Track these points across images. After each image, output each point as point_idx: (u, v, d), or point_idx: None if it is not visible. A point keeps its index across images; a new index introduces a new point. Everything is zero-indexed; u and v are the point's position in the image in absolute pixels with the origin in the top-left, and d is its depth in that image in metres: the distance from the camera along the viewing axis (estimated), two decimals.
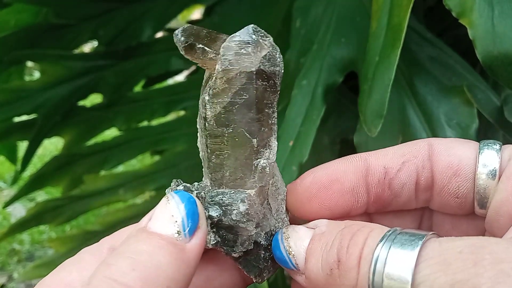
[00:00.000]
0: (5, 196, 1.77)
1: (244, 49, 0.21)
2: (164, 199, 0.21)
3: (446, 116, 0.40)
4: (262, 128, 0.22)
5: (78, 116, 0.67)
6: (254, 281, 0.24)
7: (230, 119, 0.21)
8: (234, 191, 0.22)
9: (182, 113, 0.71)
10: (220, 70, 0.21)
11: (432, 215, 0.24)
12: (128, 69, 0.66)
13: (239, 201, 0.22)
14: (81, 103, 0.67)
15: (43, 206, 0.69)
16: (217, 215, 0.22)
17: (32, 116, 0.64)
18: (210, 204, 0.22)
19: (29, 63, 0.70)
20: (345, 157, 0.23)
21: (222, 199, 0.22)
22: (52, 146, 1.95)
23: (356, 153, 0.43)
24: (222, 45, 0.21)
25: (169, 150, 0.70)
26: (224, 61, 0.21)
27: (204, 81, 0.23)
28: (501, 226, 0.20)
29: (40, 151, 0.71)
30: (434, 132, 0.40)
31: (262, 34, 0.21)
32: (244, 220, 0.22)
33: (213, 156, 0.22)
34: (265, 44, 0.21)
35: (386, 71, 0.34)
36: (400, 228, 0.19)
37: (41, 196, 1.62)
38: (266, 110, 0.22)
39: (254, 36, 0.21)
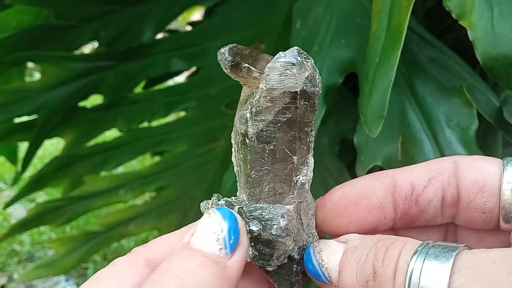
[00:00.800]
0: (5, 197, 1.77)
1: (290, 70, 0.21)
2: (206, 215, 0.21)
3: (445, 116, 0.40)
4: (302, 146, 0.22)
5: (79, 117, 0.67)
6: None
7: (272, 137, 0.22)
8: (273, 206, 0.23)
9: (182, 114, 0.71)
10: (264, 89, 0.21)
11: (456, 230, 0.25)
12: (128, 70, 0.66)
13: (279, 216, 0.22)
14: (82, 104, 0.67)
15: (44, 207, 0.69)
16: (257, 230, 0.22)
17: (33, 117, 0.65)
18: (249, 219, 0.22)
19: (30, 64, 0.70)
20: (372, 173, 0.24)
21: (261, 214, 0.22)
22: (52, 147, 1.95)
23: (355, 153, 0.43)
24: (268, 65, 0.21)
25: (169, 151, 0.70)
26: (269, 81, 0.21)
27: (243, 98, 0.23)
28: None
29: (40, 152, 0.71)
30: (433, 132, 0.40)
31: (305, 56, 0.22)
32: (284, 235, 0.22)
33: (253, 172, 0.22)
34: (308, 66, 0.22)
35: (386, 72, 0.34)
36: (433, 241, 0.19)
37: (41, 197, 1.62)
38: (306, 129, 0.22)
39: (299, 58, 0.21)
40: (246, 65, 0.22)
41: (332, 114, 0.55)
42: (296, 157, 0.22)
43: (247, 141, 0.22)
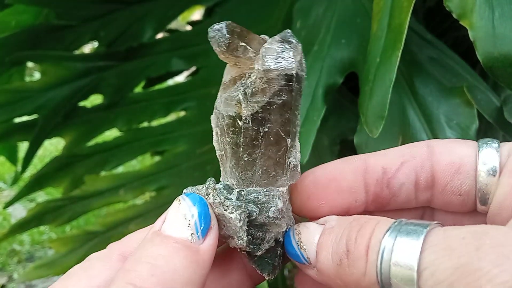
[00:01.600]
0: (5, 197, 1.77)
1: (286, 52, 0.21)
2: (176, 202, 0.21)
3: (446, 116, 0.40)
4: (294, 129, 0.22)
5: (79, 117, 0.67)
6: (267, 278, 0.24)
7: (267, 119, 0.21)
8: (267, 189, 0.23)
9: (182, 113, 0.71)
10: (261, 69, 0.21)
11: (433, 213, 0.25)
12: (129, 70, 0.66)
13: (276, 198, 0.23)
14: (82, 103, 0.67)
15: (44, 207, 0.69)
16: (256, 213, 0.22)
17: (33, 116, 0.65)
18: (246, 203, 0.22)
19: (30, 64, 0.70)
20: (345, 157, 0.24)
21: (257, 197, 0.22)
22: (52, 147, 1.95)
23: (356, 153, 0.43)
24: (264, 46, 0.21)
25: (169, 151, 0.70)
26: (266, 62, 0.21)
27: (227, 79, 0.23)
28: (503, 219, 0.20)
29: (40, 151, 0.71)
30: (434, 132, 0.40)
31: (297, 40, 0.22)
32: (280, 216, 0.23)
33: (245, 155, 0.22)
34: (300, 49, 0.22)
35: (387, 73, 0.34)
36: (406, 219, 0.19)
37: (41, 196, 1.62)
38: (296, 112, 0.22)
39: (293, 41, 0.21)
40: (243, 44, 0.21)
41: (332, 114, 0.55)
42: (289, 139, 0.22)
43: (240, 123, 0.22)
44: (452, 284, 0.16)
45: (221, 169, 0.24)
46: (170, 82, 0.98)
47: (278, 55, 0.21)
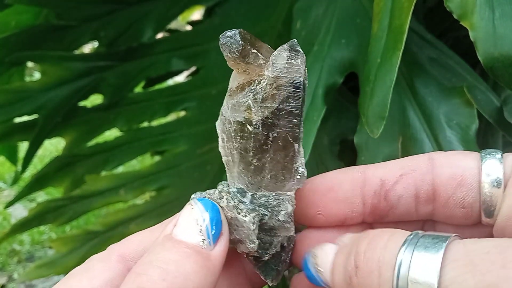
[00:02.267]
0: (5, 197, 1.77)
1: (294, 60, 0.22)
2: (188, 206, 0.21)
3: (446, 116, 0.40)
4: (300, 134, 0.23)
5: (79, 117, 0.67)
6: (270, 284, 0.24)
7: (276, 124, 0.22)
8: (275, 193, 0.23)
9: (182, 113, 0.71)
10: (271, 76, 0.21)
11: (434, 225, 0.24)
12: (129, 70, 0.66)
13: (286, 202, 0.23)
14: (82, 103, 0.67)
15: (45, 206, 0.69)
16: (267, 217, 0.22)
17: (33, 116, 0.65)
18: (259, 206, 0.23)
19: (30, 64, 0.70)
20: (345, 168, 0.24)
21: (268, 201, 0.23)
22: (52, 147, 1.95)
23: (355, 153, 0.43)
24: (274, 54, 0.22)
25: (169, 151, 0.70)
26: (276, 69, 0.21)
27: (235, 85, 0.23)
28: None
29: (40, 151, 0.71)
30: (434, 132, 0.40)
31: (301, 50, 0.22)
32: (289, 220, 0.23)
33: (255, 160, 0.22)
34: (304, 59, 0.22)
35: (387, 73, 0.34)
36: (422, 232, 0.18)
37: (41, 196, 1.62)
38: (301, 118, 0.23)
39: (300, 50, 0.22)
40: (254, 50, 0.22)
41: (332, 114, 0.55)
42: (297, 144, 0.23)
43: (250, 128, 0.22)
44: None
45: (227, 174, 0.24)
46: (170, 82, 0.98)
47: (288, 63, 0.21)
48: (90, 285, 0.20)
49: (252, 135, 0.22)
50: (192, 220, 0.20)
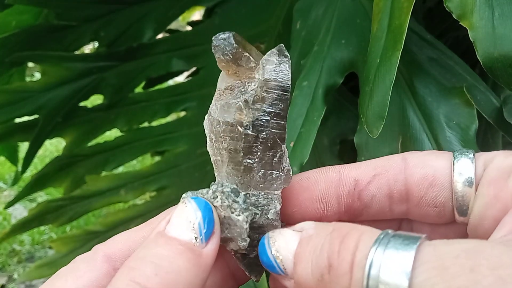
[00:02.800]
0: (6, 197, 1.77)
1: (283, 64, 0.22)
2: (181, 204, 0.21)
3: (446, 117, 0.40)
4: (285, 136, 0.23)
5: (80, 117, 0.67)
6: (254, 280, 0.25)
7: (265, 125, 0.22)
8: (264, 193, 0.23)
9: (182, 114, 0.71)
10: (262, 79, 0.22)
11: (411, 224, 0.25)
12: (129, 70, 0.66)
13: (275, 201, 0.23)
14: (82, 104, 0.67)
15: (45, 207, 0.69)
16: (257, 215, 0.23)
17: (33, 117, 0.65)
18: (250, 205, 0.23)
19: (30, 64, 0.70)
20: (321, 168, 0.24)
21: (257, 200, 0.23)
22: (52, 147, 1.95)
23: (355, 153, 0.43)
24: (264, 57, 0.22)
25: (169, 151, 0.70)
26: (266, 72, 0.22)
27: (223, 87, 0.23)
28: (486, 230, 0.20)
29: (40, 152, 0.72)
30: (434, 132, 0.40)
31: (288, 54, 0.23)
32: (277, 218, 0.23)
33: (245, 160, 0.23)
34: (290, 63, 0.23)
35: (387, 73, 0.34)
36: (392, 231, 0.18)
37: (41, 197, 1.62)
38: (286, 120, 0.23)
39: (288, 55, 0.23)
40: (247, 54, 0.22)
41: (332, 114, 0.55)
42: (284, 145, 0.23)
43: (241, 129, 0.22)
44: None
45: (215, 173, 0.24)
46: (171, 82, 0.98)
47: (277, 66, 0.22)
48: (75, 285, 0.21)
49: (243, 136, 0.22)
50: (185, 218, 0.21)
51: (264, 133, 0.23)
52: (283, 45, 0.23)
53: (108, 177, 0.71)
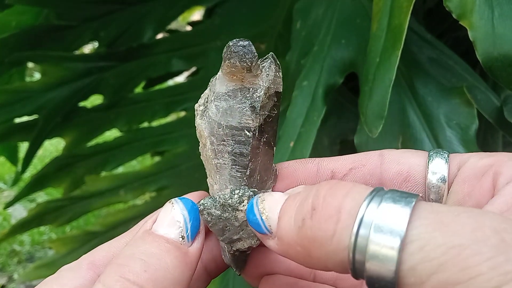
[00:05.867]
0: (5, 197, 1.77)
1: (278, 73, 0.23)
2: (168, 204, 0.22)
3: (446, 116, 0.40)
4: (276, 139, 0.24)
5: (79, 117, 0.67)
6: (238, 274, 0.26)
7: (266, 130, 0.24)
8: (260, 191, 0.24)
9: (182, 114, 0.71)
10: (266, 86, 0.23)
11: None
12: (129, 70, 0.66)
13: None
14: (82, 104, 0.67)
15: (44, 207, 0.69)
16: None
17: (33, 117, 0.65)
18: None
19: (30, 64, 0.70)
20: (302, 159, 0.25)
21: None
22: (52, 147, 1.95)
23: (356, 153, 0.43)
24: (265, 66, 0.23)
25: (169, 151, 0.70)
26: (269, 80, 0.23)
27: (226, 91, 0.24)
28: None
29: (40, 152, 0.72)
30: (434, 132, 0.40)
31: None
32: None
33: (251, 163, 0.23)
34: None
35: (386, 72, 0.34)
36: (384, 188, 0.18)
37: (41, 197, 1.62)
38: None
39: (279, 63, 0.24)
40: (258, 62, 0.23)
41: (332, 114, 0.55)
42: (275, 147, 0.24)
43: (249, 134, 0.23)
44: (444, 264, 0.15)
45: (217, 176, 0.24)
46: (170, 82, 0.98)
47: (276, 75, 0.23)
48: None
49: (250, 141, 0.23)
50: (172, 218, 0.21)
51: (265, 137, 0.23)
52: (273, 54, 0.23)
53: (108, 177, 0.71)
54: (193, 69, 0.73)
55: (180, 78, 0.99)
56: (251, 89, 0.23)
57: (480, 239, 0.15)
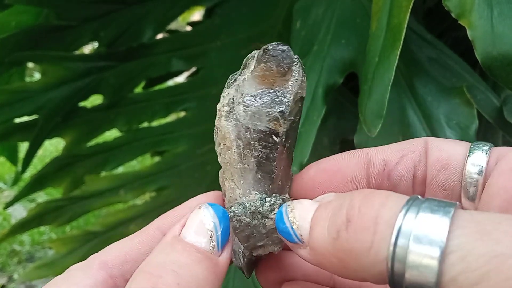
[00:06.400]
0: (5, 197, 1.77)
1: (304, 77, 0.23)
2: (199, 210, 0.21)
3: (445, 116, 0.40)
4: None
5: (79, 117, 0.67)
6: (247, 276, 0.26)
7: (289, 135, 0.23)
8: (284, 197, 0.24)
9: (182, 114, 0.71)
10: (295, 91, 0.22)
11: None
12: (129, 70, 0.66)
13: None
14: (82, 104, 0.67)
15: (44, 207, 0.69)
16: None
17: (33, 117, 0.65)
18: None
19: (30, 64, 0.70)
20: (348, 151, 0.25)
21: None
22: (52, 147, 1.95)
23: None
24: (295, 70, 0.23)
25: (169, 151, 0.70)
26: (297, 85, 0.23)
27: (254, 94, 0.23)
28: None
29: (40, 152, 0.71)
30: (434, 132, 0.40)
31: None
32: None
33: (276, 169, 0.23)
34: None
35: (385, 72, 0.34)
36: (421, 197, 0.18)
37: (41, 197, 1.62)
38: None
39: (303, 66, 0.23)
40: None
41: (332, 114, 0.55)
42: (294, 153, 0.24)
43: (277, 139, 0.23)
44: (487, 274, 0.14)
45: (240, 180, 0.24)
46: (170, 82, 0.98)
47: (302, 79, 0.23)
48: None
49: (278, 146, 0.23)
50: (203, 225, 0.20)
51: (288, 143, 0.23)
52: (299, 57, 0.23)
53: (108, 177, 0.71)
54: (193, 69, 0.73)
55: (180, 78, 0.99)
56: (280, 93, 0.23)
57: None
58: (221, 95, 0.24)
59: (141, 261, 0.21)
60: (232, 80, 0.24)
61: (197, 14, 1.27)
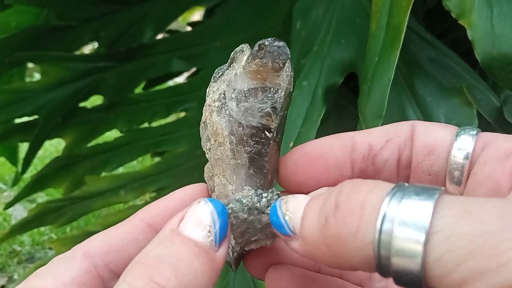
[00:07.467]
0: (6, 198, 1.77)
1: (292, 73, 0.23)
2: (198, 204, 0.21)
3: (445, 116, 0.40)
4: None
5: (79, 118, 0.67)
6: (233, 270, 0.26)
7: (280, 130, 0.23)
8: (270, 191, 0.24)
9: (182, 114, 0.71)
10: (286, 87, 0.23)
11: None
12: (129, 71, 0.66)
13: (276, 197, 0.24)
14: (82, 104, 0.67)
15: (45, 207, 0.69)
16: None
17: (33, 117, 0.65)
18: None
19: (30, 65, 0.70)
20: (333, 134, 0.24)
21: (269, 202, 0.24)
22: (52, 147, 1.95)
23: None
24: (287, 65, 0.23)
25: (169, 152, 0.70)
26: (288, 81, 0.23)
27: (247, 89, 0.23)
28: None
29: (40, 152, 0.71)
30: None
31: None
32: None
33: (267, 164, 0.23)
34: None
35: (385, 72, 0.34)
36: (407, 184, 0.18)
37: (41, 197, 1.62)
38: None
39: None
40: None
41: (332, 114, 0.55)
42: (280, 147, 0.24)
43: (269, 134, 0.23)
44: (472, 253, 0.14)
45: (233, 176, 0.24)
46: (170, 83, 0.98)
47: (290, 75, 0.23)
48: (55, 282, 0.20)
49: (270, 141, 0.23)
50: (201, 219, 0.20)
51: (278, 138, 0.23)
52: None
53: (108, 177, 0.71)
54: (193, 69, 0.73)
55: (180, 79, 0.99)
56: (271, 88, 0.22)
57: (508, 225, 0.14)
58: (208, 90, 0.24)
59: (124, 251, 0.22)
60: (219, 74, 0.24)
61: (197, 14, 1.27)
